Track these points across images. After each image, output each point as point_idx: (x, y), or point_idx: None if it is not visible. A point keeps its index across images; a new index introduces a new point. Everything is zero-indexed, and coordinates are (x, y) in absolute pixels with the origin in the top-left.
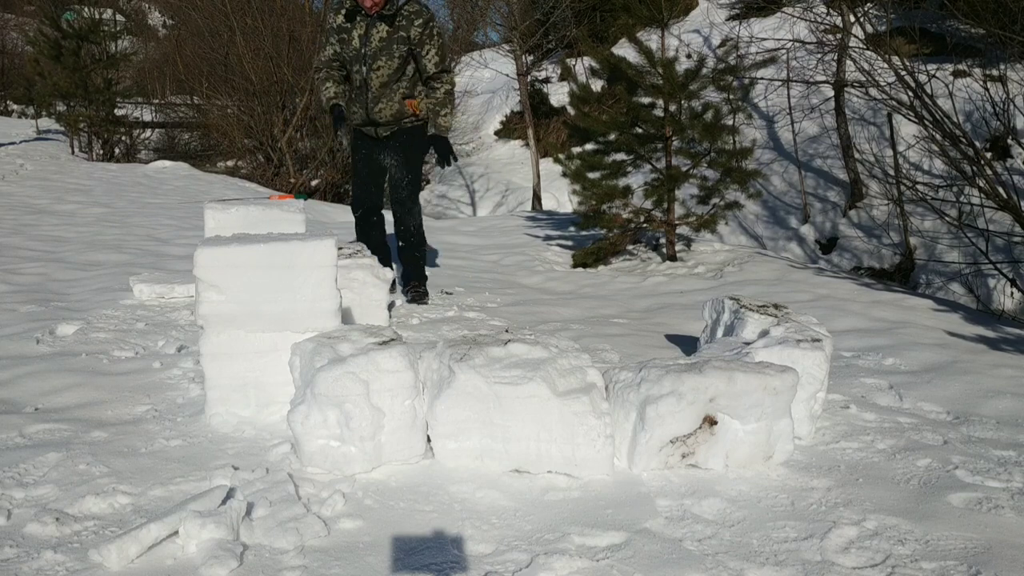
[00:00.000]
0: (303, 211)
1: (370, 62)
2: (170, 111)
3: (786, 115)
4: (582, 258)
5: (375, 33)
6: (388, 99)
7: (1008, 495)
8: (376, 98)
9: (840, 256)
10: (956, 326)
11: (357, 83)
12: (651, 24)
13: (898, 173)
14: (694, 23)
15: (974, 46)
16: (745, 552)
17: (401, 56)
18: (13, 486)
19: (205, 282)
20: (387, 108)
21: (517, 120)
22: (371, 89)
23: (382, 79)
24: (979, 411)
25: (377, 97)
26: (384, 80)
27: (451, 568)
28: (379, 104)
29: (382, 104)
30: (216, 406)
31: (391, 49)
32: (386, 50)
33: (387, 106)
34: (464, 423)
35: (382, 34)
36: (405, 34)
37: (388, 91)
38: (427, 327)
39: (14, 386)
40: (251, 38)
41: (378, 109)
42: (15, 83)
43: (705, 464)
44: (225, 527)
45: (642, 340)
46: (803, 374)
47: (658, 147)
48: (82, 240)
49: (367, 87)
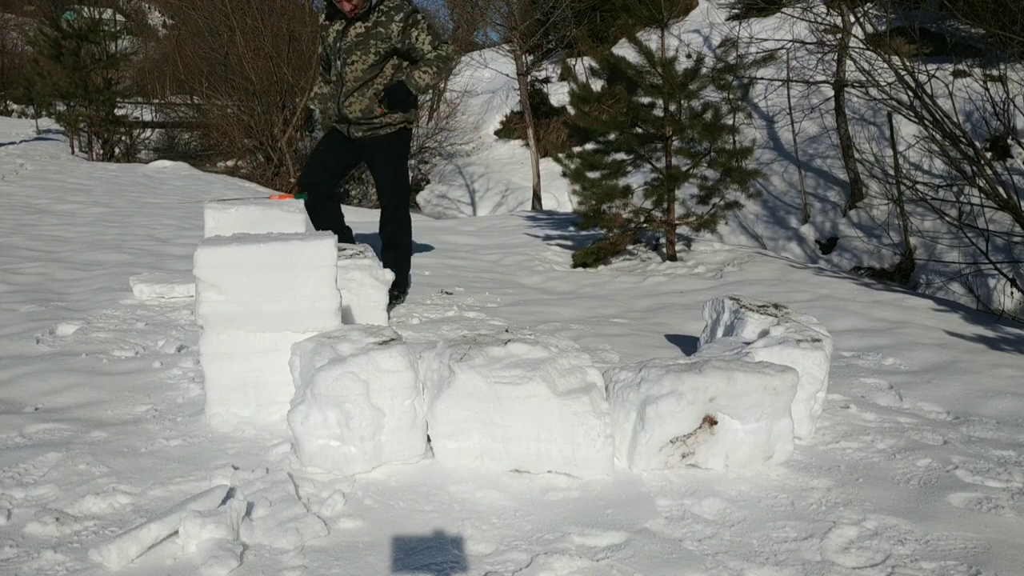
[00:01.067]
0: (303, 211)
1: (345, 56)
2: (170, 111)
3: (786, 115)
4: (582, 258)
5: (352, 29)
6: (360, 94)
7: (1008, 495)
8: (348, 92)
9: (840, 256)
10: (956, 326)
11: (334, 79)
12: (651, 24)
13: (898, 173)
14: (694, 23)
15: (974, 46)
16: (745, 552)
17: (378, 53)
18: (13, 486)
19: (205, 282)
20: (357, 103)
21: (517, 120)
22: (345, 84)
23: (355, 73)
24: (979, 411)
25: (349, 91)
26: (358, 75)
27: (451, 568)
28: (350, 98)
29: (352, 98)
30: (216, 406)
31: (367, 44)
32: (361, 45)
33: (357, 100)
34: (464, 423)
35: (359, 30)
36: (384, 30)
37: (362, 87)
38: (427, 327)
39: (14, 386)
40: (251, 38)
41: (348, 103)
42: (15, 83)
43: (705, 464)
44: (225, 527)
45: (642, 340)
46: (803, 374)
47: (658, 147)
48: (82, 240)
49: (342, 82)
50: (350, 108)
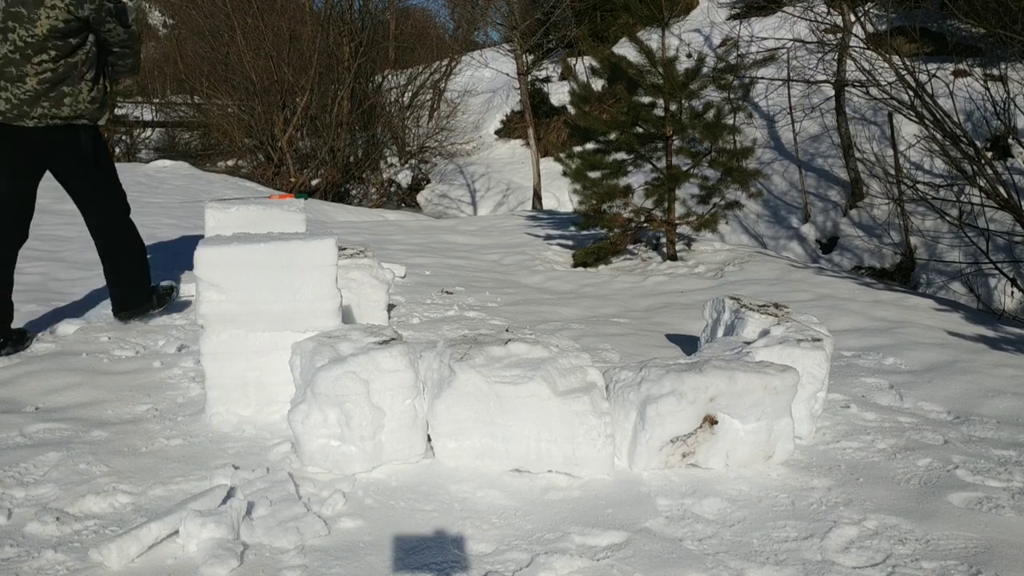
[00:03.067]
0: (303, 210)
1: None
2: (170, 110)
3: (787, 114)
4: (582, 257)
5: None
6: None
7: (1008, 495)
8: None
9: (841, 255)
10: (957, 326)
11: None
12: (652, 23)
13: (899, 172)
14: (694, 22)
15: (975, 45)
16: (745, 552)
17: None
18: (13, 485)
19: (205, 281)
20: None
21: (517, 119)
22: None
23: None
24: (979, 411)
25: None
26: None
27: (452, 567)
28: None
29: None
30: (216, 405)
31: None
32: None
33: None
34: (464, 422)
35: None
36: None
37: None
38: (427, 326)
39: (14, 385)
40: (251, 37)
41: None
42: None
43: (705, 463)
44: (225, 526)
45: (642, 339)
46: (803, 374)
47: (659, 146)
48: (83, 239)
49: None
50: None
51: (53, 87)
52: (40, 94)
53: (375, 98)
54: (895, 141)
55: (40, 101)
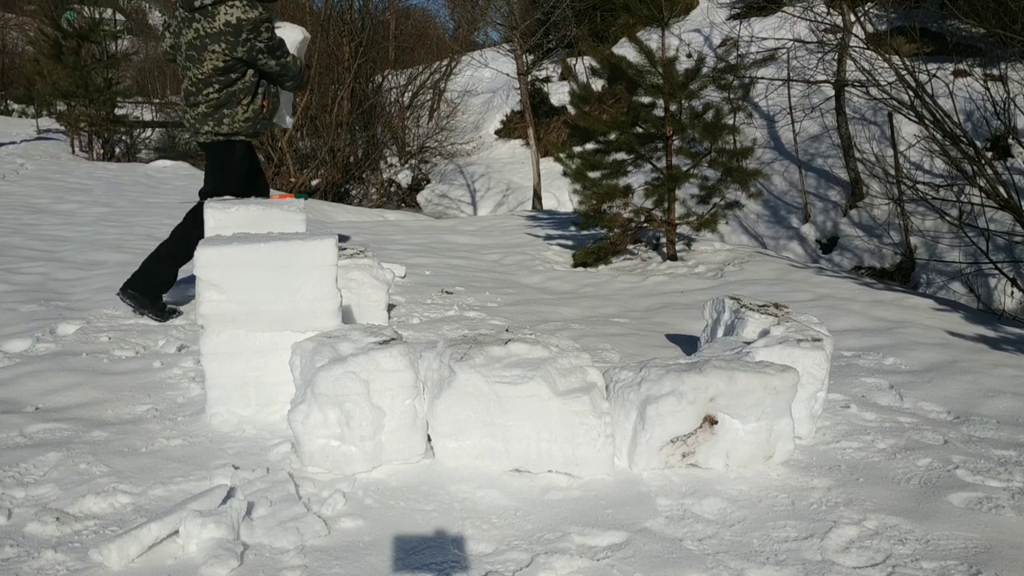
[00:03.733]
0: (303, 211)
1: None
2: (170, 110)
3: (787, 114)
4: (582, 257)
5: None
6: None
7: (1008, 495)
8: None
9: (841, 255)
10: (957, 326)
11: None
12: (651, 23)
13: (899, 172)
14: (694, 22)
15: (975, 45)
16: (745, 552)
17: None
18: (13, 485)
19: (206, 281)
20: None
21: (517, 119)
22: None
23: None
24: (979, 411)
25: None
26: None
27: (452, 567)
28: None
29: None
30: (216, 405)
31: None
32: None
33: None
34: (464, 422)
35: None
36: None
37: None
38: (427, 326)
39: (14, 386)
40: None
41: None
42: (15, 83)
43: (705, 464)
44: (225, 526)
45: (642, 340)
46: (803, 374)
47: (658, 146)
48: (83, 239)
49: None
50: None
51: (216, 110)
52: (207, 116)
53: (375, 98)
54: (895, 141)
55: (207, 121)
